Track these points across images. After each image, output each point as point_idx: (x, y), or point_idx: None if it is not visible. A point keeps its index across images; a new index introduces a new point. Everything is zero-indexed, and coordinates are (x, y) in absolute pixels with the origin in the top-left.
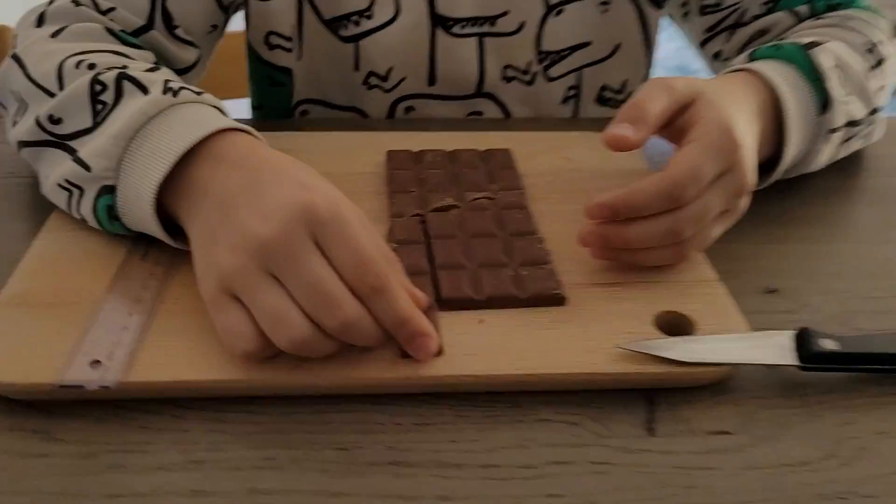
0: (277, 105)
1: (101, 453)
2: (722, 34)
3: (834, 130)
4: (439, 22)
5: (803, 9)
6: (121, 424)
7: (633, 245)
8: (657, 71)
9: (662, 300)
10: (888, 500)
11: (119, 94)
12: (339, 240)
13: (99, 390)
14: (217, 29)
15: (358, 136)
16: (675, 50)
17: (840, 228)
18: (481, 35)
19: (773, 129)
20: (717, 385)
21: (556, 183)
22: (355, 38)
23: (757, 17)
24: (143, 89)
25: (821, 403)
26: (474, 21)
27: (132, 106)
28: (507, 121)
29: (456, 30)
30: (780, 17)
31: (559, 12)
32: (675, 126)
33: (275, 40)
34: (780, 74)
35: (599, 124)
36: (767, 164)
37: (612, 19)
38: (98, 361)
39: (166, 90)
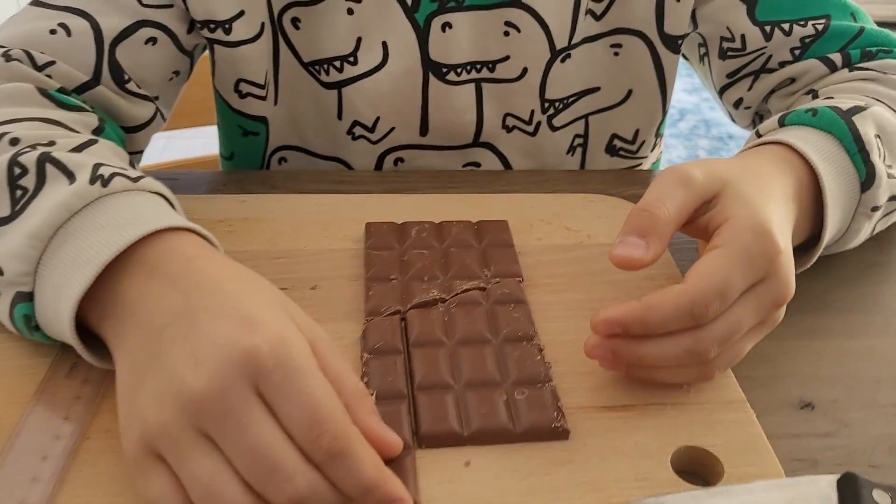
0: (250, 154)
1: None
2: (744, 80)
3: (877, 208)
4: (432, 68)
5: (836, 57)
6: None
7: (648, 364)
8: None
9: (682, 431)
10: None
11: (41, 181)
12: (287, 392)
13: None
14: (180, 75)
15: (336, 201)
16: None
17: (882, 316)
18: (479, 81)
19: (810, 209)
20: None
21: (558, 264)
22: (338, 85)
23: (784, 64)
24: (69, 175)
25: None
26: (471, 66)
27: (53, 197)
28: (505, 174)
29: (451, 77)
30: (811, 65)
31: (566, 58)
32: (697, 224)
33: (246, 88)
34: (817, 149)
35: (608, 180)
36: (803, 245)
37: (624, 63)
38: None
39: (94, 178)
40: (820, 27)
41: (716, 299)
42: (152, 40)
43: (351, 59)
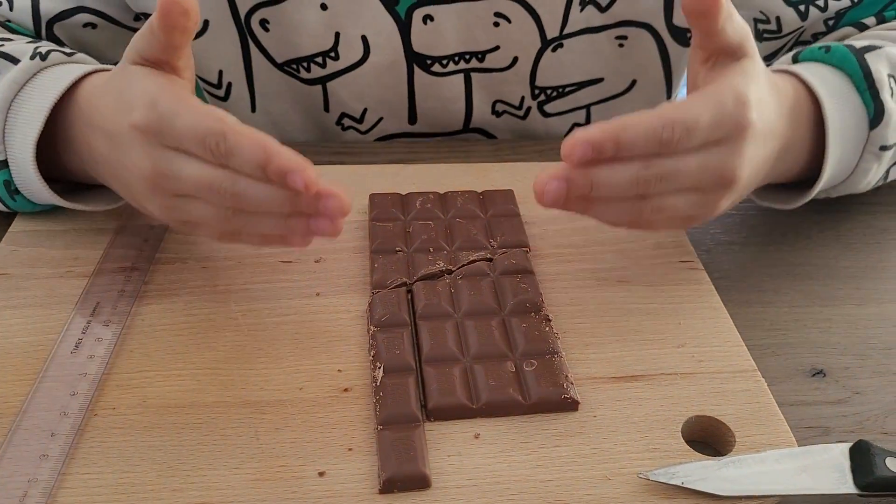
0: None
1: None
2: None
3: (886, 147)
4: (417, 60)
5: (870, 20)
6: None
7: (597, 192)
8: None
9: (692, 400)
10: None
11: None
12: (171, 137)
13: None
14: None
15: (338, 172)
16: None
17: (892, 283)
18: (468, 71)
19: (811, 139)
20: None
21: (565, 233)
22: (322, 80)
23: (817, 36)
24: (14, 60)
25: None
26: (459, 57)
27: (4, 79)
28: (510, 143)
29: (436, 68)
30: (846, 31)
31: (557, 47)
32: (709, 44)
33: (202, 85)
34: (823, 81)
35: None
36: (806, 183)
37: (628, 54)
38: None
39: (34, 55)
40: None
41: (682, 130)
42: (91, 25)
43: (332, 54)
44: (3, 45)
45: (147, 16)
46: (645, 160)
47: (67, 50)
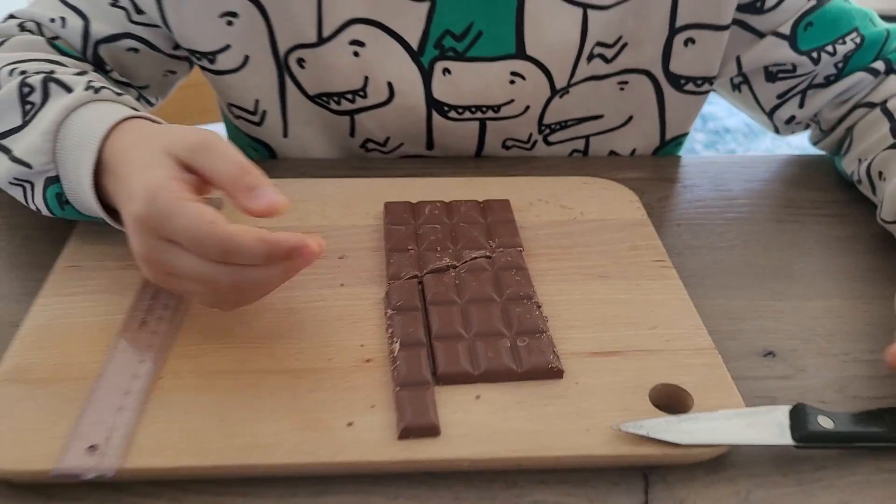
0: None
1: None
2: (794, 98)
3: None
4: (436, 106)
5: (878, 65)
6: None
7: None
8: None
9: (659, 372)
10: None
11: (46, 95)
12: (174, 232)
13: (95, 479)
14: (176, 73)
15: (357, 184)
16: None
17: (840, 282)
18: (482, 120)
19: None
20: (713, 463)
21: (554, 237)
22: (350, 112)
23: (830, 79)
24: (68, 89)
25: (816, 482)
26: (476, 108)
27: (57, 103)
28: (508, 160)
29: (453, 115)
30: (859, 77)
31: (564, 94)
32: None
33: (236, 111)
34: None
35: (601, 166)
36: None
37: (628, 96)
38: (94, 447)
39: (88, 88)
40: (858, 41)
41: None
42: (134, 49)
43: (361, 93)
44: (55, 73)
45: (193, 53)
46: None
47: (117, 90)
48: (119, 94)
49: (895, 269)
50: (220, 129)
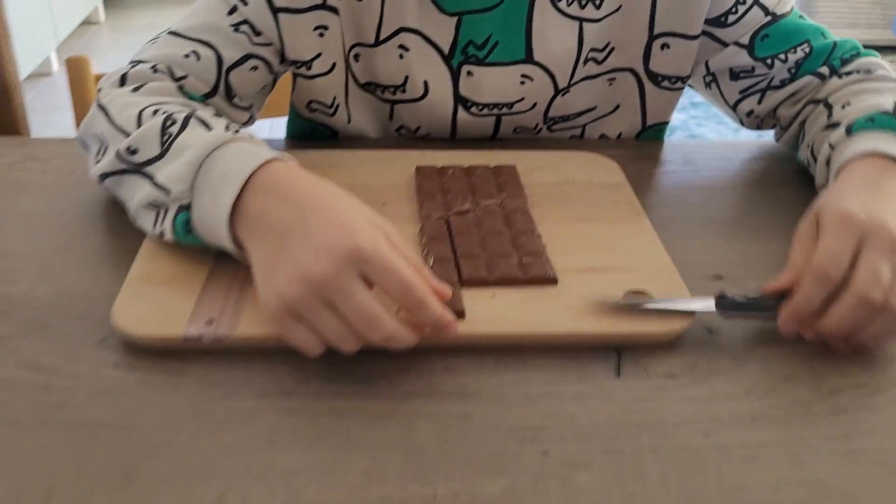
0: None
1: (218, 384)
2: (753, 95)
3: None
4: (462, 102)
5: (824, 69)
6: (229, 365)
7: (838, 331)
8: None
9: (631, 282)
10: (790, 420)
11: (184, 128)
12: (382, 272)
13: (213, 342)
14: (266, 88)
15: (394, 154)
16: None
17: (779, 232)
18: (498, 115)
19: None
20: (669, 342)
21: (551, 193)
22: (391, 102)
23: (784, 82)
24: (208, 126)
25: (745, 356)
26: (494, 105)
27: (198, 138)
28: (517, 138)
29: (474, 111)
30: (807, 80)
31: (565, 93)
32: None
33: (315, 106)
34: (891, 143)
35: (592, 145)
36: None
37: (615, 89)
38: (211, 320)
39: (227, 128)
40: (807, 50)
41: (831, 264)
42: (254, 68)
43: (402, 89)
44: (195, 112)
45: (294, 63)
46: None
47: (249, 134)
48: (251, 137)
49: None
50: (282, 122)
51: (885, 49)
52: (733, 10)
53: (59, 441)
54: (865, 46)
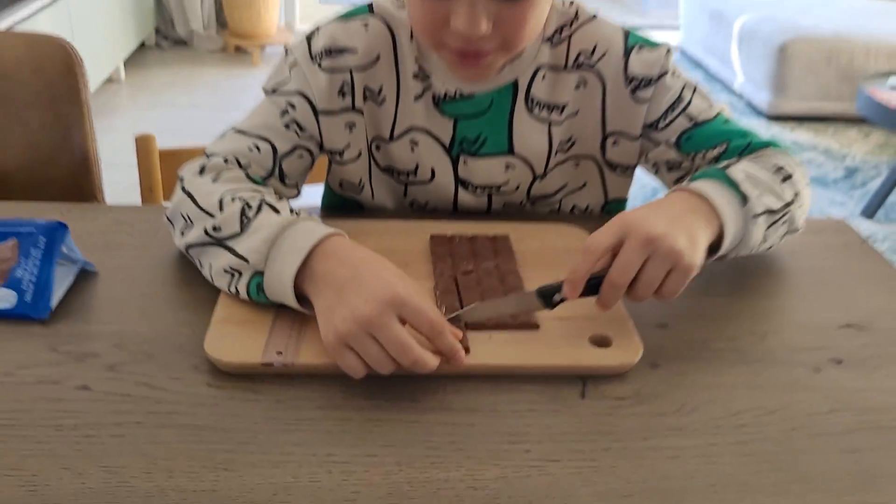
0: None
1: (286, 399)
2: (684, 179)
3: (757, 216)
4: (461, 183)
5: (734, 160)
6: (293, 385)
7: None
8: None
9: (594, 328)
10: (706, 431)
11: (258, 212)
12: (414, 313)
13: (281, 368)
14: (308, 170)
15: (409, 223)
16: None
17: (716, 286)
18: (490, 195)
19: (717, 223)
20: (622, 373)
21: (536, 258)
22: (404, 183)
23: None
24: (276, 211)
25: (676, 385)
26: (485, 188)
27: (271, 220)
28: (509, 212)
29: (470, 190)
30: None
31: (542, 178)
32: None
33: (346, 185)
34: (711, 188)
35: (571, 221)
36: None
37: (581, 172)
38: (281, 352)
39: (291, 212)
40: (724, 148)
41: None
42: (300, 156)
43: (414, 174)
44: (265, 199)
45: (330, 151)
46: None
47: (308, 215)
48: (310, 215)
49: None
50: (319, 189)
51: (851, 121)
52: (664, 117)
53: (173, 437)
54: (834, 118)
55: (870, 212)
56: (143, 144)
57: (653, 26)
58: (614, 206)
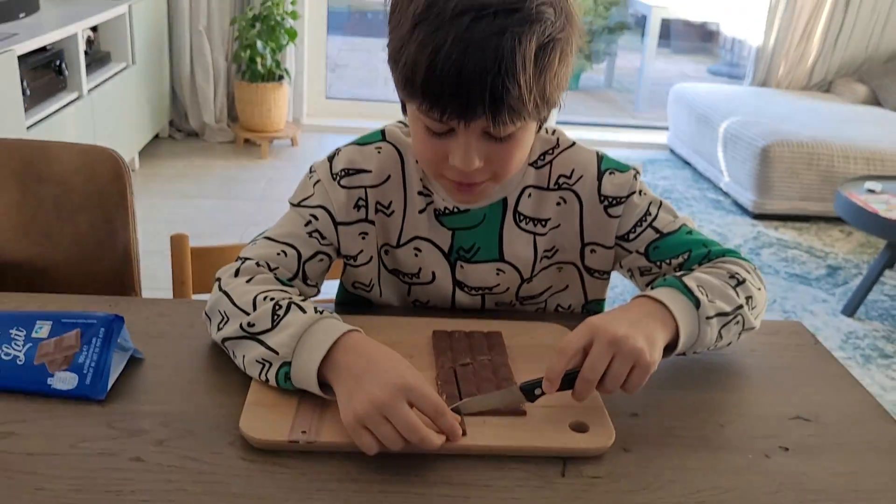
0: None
1: (309, 472)
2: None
3: (709, 318)
4: (458, 285)
5: (695, 268)
6: (316, 460)
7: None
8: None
9: (573, 416)
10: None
11: (287, 311)
12: (421, 397)
13: (306, 445)
14: (326, 272)
15: (413, 320)
16: None
17: (684, 381)
18: (483, 296)
19: (671, 327)
20: (598, 456)
21: (525, 352)
22: (409, 284)
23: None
24: (302, 310)
25: (645, 467)
26: (479, 289)
27: (298, 318)
28: (500, 310)
29: (466, 291)
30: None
31: (530, 280)
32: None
33: (358, 285)
34: (667, 295)
35: (555, 319)
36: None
37: (563, 275)
38: (305, 431)
39: (316, 311)
40: (686, 257)
41: (589, 371)
42: (321, 260)
43: (417, 276)
44: (292, 299)
45: (345, 256)
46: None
47: (330, 313)
48: (332, 313)
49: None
50: (332, 284)
51: (833, 220)
52: (633, 230)
53: (213, 503)
54: (817, 218)
55: (850, 310)
56: (176, 242)
57: (643, 126)
58: (593, 305)
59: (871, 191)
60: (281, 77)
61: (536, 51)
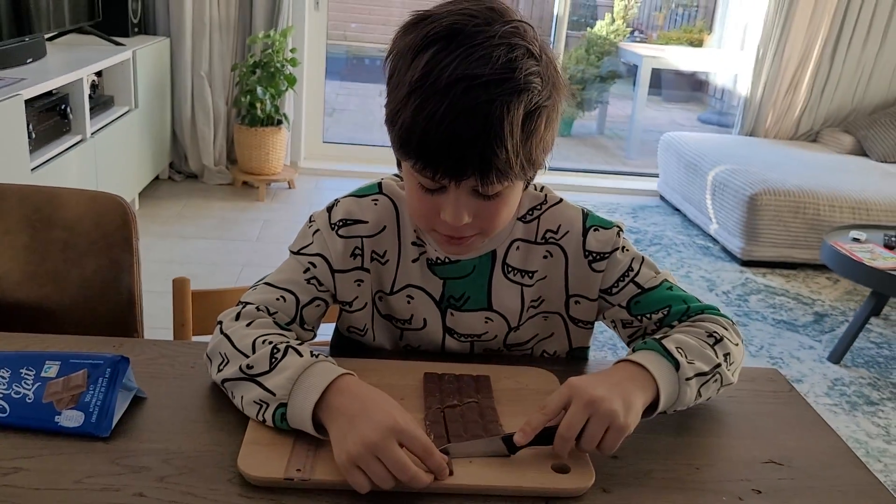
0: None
1: None
2: (637, 338)
3: (689, 378)
4: (448, 331)
5: (675, 324)
6: (310, 497)
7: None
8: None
9: (557, 457)
10: None
11: (284, 354)
12: (411, 438)
13: (300, 482)
14: (322, 317)
15: (405, 363)
16: None
17: (664, 426)
18: (472, 343)
19: (651, 389)
20: (579, 495)
21: (511, 396)
22: (402, 329)
23: (653, 332)
24: (299, 354)
25: (626, 502)
26: (468, 336)
27: (295, 361)
28: (486, 359)
29: (455, 337)
30: (664, 330)
31: (517, 329)
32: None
33: (352, 330)
34: (648, 358)
35: (541, 363)
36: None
37: (549, 324)
38: (300, 469)
39: (312, 356)
40: (666, 312)
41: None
42: (318, 305)
43: (409, 322)
44: (290, 343)
45: (341, 302)
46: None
47: (325, 357)
48: (327, 357)
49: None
50: (328, 327)
51: (820, 268)
52: (616, 285)
53: None
54: (804, 265)
55: (836, 357)
56: (178, 286)
57: (634, 173)
58: (578, 352)
59: (856, 239)
60: (280, 122)
61: (524, 118)
